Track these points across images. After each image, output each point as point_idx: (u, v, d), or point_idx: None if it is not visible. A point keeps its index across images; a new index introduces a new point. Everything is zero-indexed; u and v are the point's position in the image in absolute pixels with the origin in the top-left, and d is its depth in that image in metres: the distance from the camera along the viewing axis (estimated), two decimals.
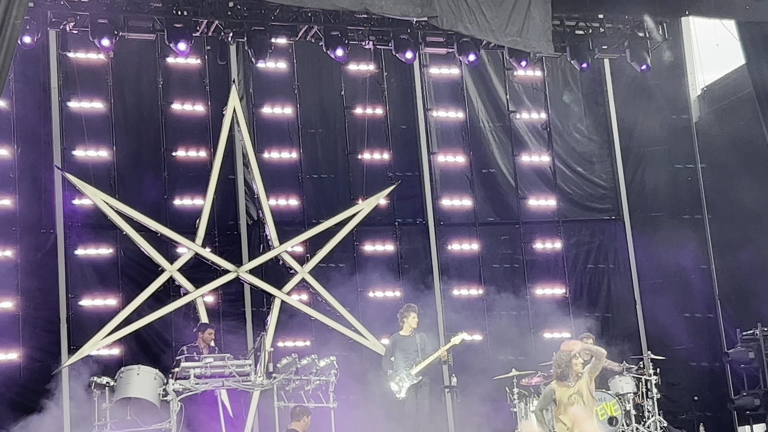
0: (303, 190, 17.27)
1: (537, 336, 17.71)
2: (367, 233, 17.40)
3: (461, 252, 17.94)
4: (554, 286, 18.19)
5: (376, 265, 17.26)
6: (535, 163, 18.55)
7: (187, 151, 16.82)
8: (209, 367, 13.32)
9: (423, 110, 18.19)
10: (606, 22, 17.57)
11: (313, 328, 16.54)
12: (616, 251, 18.58)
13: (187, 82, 17.03)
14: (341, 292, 16.65)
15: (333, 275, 16.76)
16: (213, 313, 16.05)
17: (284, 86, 17.42)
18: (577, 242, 18.37)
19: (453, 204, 18.06)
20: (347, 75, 17.74)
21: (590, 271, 18.33)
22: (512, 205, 18.27)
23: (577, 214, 18.59)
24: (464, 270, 17.81)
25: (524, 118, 18.59)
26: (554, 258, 18.29)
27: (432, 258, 17.78)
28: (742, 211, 17.40)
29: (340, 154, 17.67)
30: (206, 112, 16.95)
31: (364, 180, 17.45)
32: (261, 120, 17.29)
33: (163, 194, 16.51)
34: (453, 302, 17.56)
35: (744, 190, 17.17)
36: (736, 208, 17.47)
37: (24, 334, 15.45)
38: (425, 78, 18.25)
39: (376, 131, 17.77)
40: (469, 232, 18.01)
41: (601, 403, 14.40)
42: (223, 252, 16.46)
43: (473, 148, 18.15)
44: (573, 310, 17.98)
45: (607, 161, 18.88)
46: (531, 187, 18.42)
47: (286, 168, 17.29)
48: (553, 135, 18.60)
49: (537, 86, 18.62)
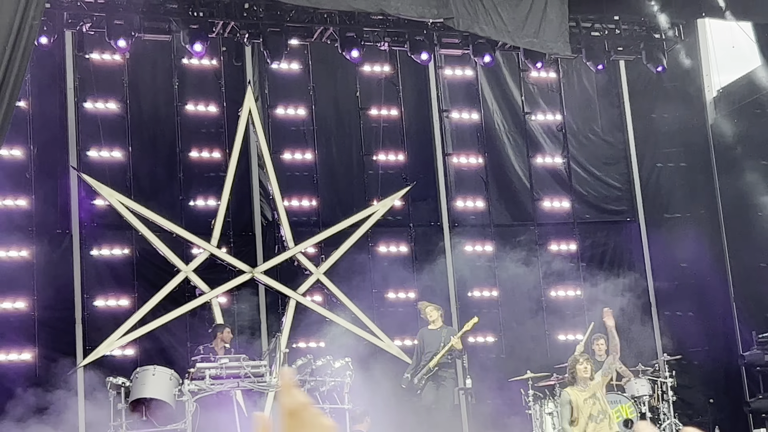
0: (318, 191, 17.26)
1: (552, 338, 17.72)
2: (381, 234, 17.34)
3: (475, 254, 17.92)
4: (569, 287, 18.17)
5: (391, 266, 17.24)
6: (550, 164, 18.53)
7: (202, 152, 16.85)
8: (224, 368, 13.31)
9: (438, 112, 18.18)
10: (622, 23, 17.57)
11: (327, 329, 16.46)
12: (631, 253, 18.52)
13: (202, 83, 17.06)
14: (356, 293, 16.61)
15: (347, 276, 16.76)
16: (227, 314, 16.03)
17: (299, 87, 17.45)
18: (592, 244, 18.33)
19: (467, 206, 18.03)
20: (362, 76, 17.75)
21: (605, 273, 18.18)
22: (527, 207, 18.24)
23: (592, 215, 18.53)
24: (478, 272, 17.79)
25: (539, 119, 18.56)
26: (569, 260, 18.27)
27: (446, 259, 17.75)
28: (757, 212, 17.35)
29: (355, 156, 17.66)
30: (221, 113, 16.99)
31: (378, 181, 17.44)
32: (276, 121, 17.32)
33: (179, 195, 16.56)
34: (467, 304, 17.53)
35: (760, 192, 17.12)
36: (752, 209, 17.43)
37: (39, 334, 15.50)
38: (440, 79, 18.24)
39: (390, 133, 17.77)
40: (484, 233, 17.99)
41: (617, 405, 14.38)
42: (238, 253, 16.47)
43: (488, 150, 18.14)
44: (588, 311, 17.86)
45: (622, 163, 18.84)
46: (546, 189, 18.40)
47: (300, 169, 17.29)
48: (568, 136, 18.57)
49: (552, 88, 18.59)
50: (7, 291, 15.48)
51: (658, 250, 18.26)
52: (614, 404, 14.35)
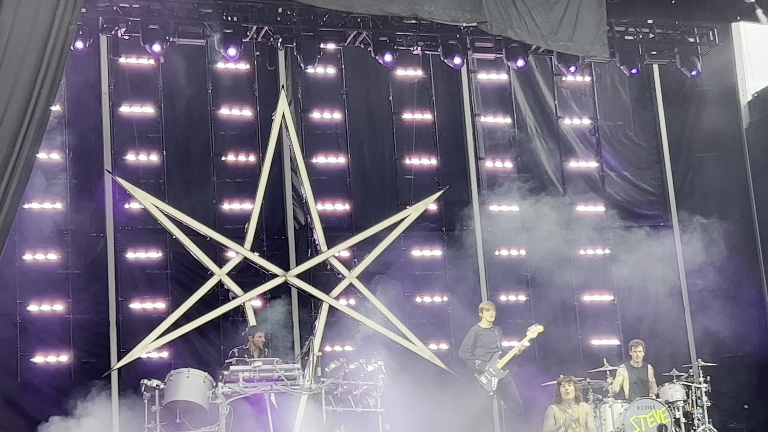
0: (351, 195, 17.30)
1: (585, 342, 17.69)
2: (414, 239, 17.34)
3: (509, 258, 17.89)
4: (602, 292, 18.09)
5: (424, 270, 17.31)
6: (583, 168, 18.44)
7: (236, 155, 16.91)
8: (258, 371, 13.34)
9: (471, 116, 18.12)
10: (656, 27, 17.49)
11: (360, 332, 16.37)
12: (665, 258, 18.34)
13: (236, 87, 17.12)
14: (388, 297, 16.61)
15: (380, 280, 16.71)
16: (260, 317, 16.04)
17: (332, 91, 17.48)
18: (625, 249, 18.12)
19: (501, 209, 17.96)
20: (395, 80, 17.76)
21: (639, 278, 18.09)
22: (561, 212, 18.01)
23: (626, 220, 18.39)
24: (511, 276, 17.76)
25: (572, 123, 18.48)
26: (602, 264, 18.18)
27: (479, 263, 17.72)
28: None
29: (388, 160, 17.66)
30: (255, 117, 17.05)
31: (411, 185, 17.44)
32: (309, 125, 17.36)
33: (212, 198, 16.62)
34: (500, 308, 16.85)
35: None
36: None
37: (74, 336, 15.62)
38: (473, 83, 18.20)
39: (423, 136, 17.75)
40: (516, 238, 17.92)
41: (651, 410, 14.39)
42: (271, 256, 16.50)
43: (521, 154, 18.09)
44: (621, 316, 17.93)
45: (656, 167, 18.71)
46: (579, 193, 18.29)
47: (333, 173, 17.33)
48: (601, 141, 18.49)
49: (585, 92, 18.52)
50: (44, 294, 15.60)
51: (693, 255, 18.05)
52: (648, 409, 14.40)
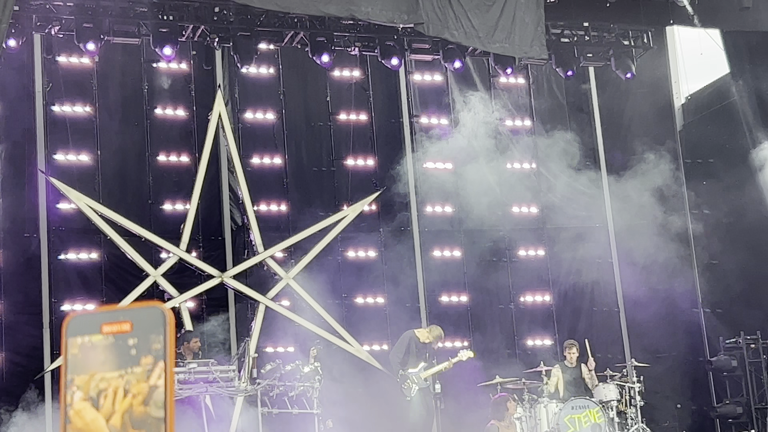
0: (288, 195, 17.22)
1: (521, 343, 17.75)
2: (351, 240, 17.29)
3: (445, 259, 17.91)
4: (538, 293, 18.19)
5: (361, 271, 17.24)
6: (519, 170, 18.51)
7: (171, 156, 16.79)
8: (193, 373, 13.23)
9: (408, 116, 18.13)
10: (591, 30, 17.64)
11: (297, 334, 16.39)
12: (600, 260, 18.51)
13: (172, 86, 16.99)
14: (325, 298, 16.61)
15: (317, 281, 16.64)
16: (196, 319, 15.98)
17: (270, 91, 17.42)
18: (561, 249, 18.26)
19: (437, 211, 18.00)
20: (333, 81, 17.73)
21: (574, 279, 18.26)
22: (496, 212, 18.12)
23: (562, 221, 18.50)
24: (448, 277, 17.76)
25: (510, 125, 18.52)
26: (538, 265, 18.29)
27: (416, 265, 17.74)
28: (725, 220, 17.43)
29: (325, 160, 17.63)
30: (191, 116, 16.94)
31: (349, 186, 17.44)
32: (246, 125, 17.28)
33: (148, 199, 16.49)
34: (437, 309, 17.54)
35: (727, 198, 17.20)
36: (719, 216, 17.50)
37: (6, 338, 15.40)
38: (410, 84, 18.22)
39: (361, 137, 17.74)
40: (454, 239, 17.98)
41: (585, 410, 14.47)
42: (208, 257, 16.44)
43: (458, 155, 18.07)
44: (557, 317, 18.03)
45: (592, 169, 18.79)
46: (515, 194, 18.28)
47: (271, 173, 17.25)
48: (538, 142, 18.55)
49: (522, 94, 18.62)
50: None
51: (627, 257, 18.22)
52: (582, 409, 14.49)
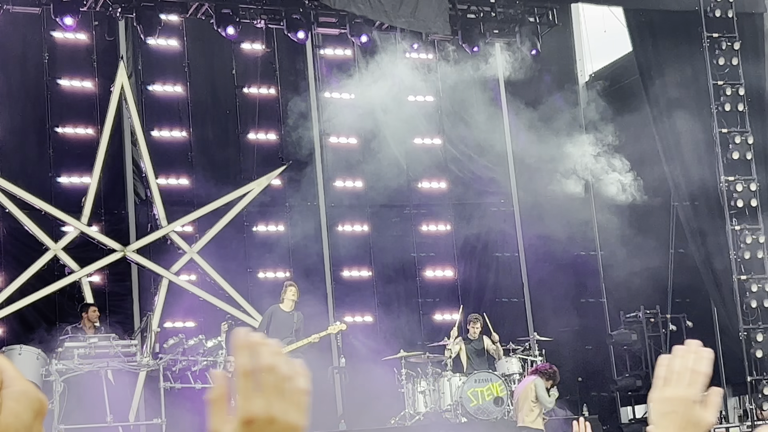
0: (192, 169, 17.04)
1: (427, 318, 17.79)
2: (257, 214, 17.23)
3: (352, 234, 17.86)
4: (444, 268, 18.22)
5: (267, 246, 17.15)
6: (427, 146, 18.49)
7: (74, 128, 16.49)
8: (94, 347, 13.09)
9: (315, 91, 18.00)
10: (497, 6, 17.67)
11: (201, 308, 16.29)
12: (506, 235, 18.62)
13: (74, 57, 16.68)
14: (230, 272, 16.47)
15: (222, 256, 16.49)
16: (99, 293, 15.77)
17: (174, 64, 17.18)
18: (467, 226, 18.35)
19: (345, 186, 17.95)
20: (239, 54, 17.54)
21: (480, 254, 18.36)
22: (403, 188, 18.14)
23: (468, 198, 18.55)
24: (355, 252, 17.74)
25: (418, 100, 18.46)
26: (444, 241, 18.31)
27: (322, 240, 17.69)
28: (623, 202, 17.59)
29: (231, 134, 17.45)
30: (94, 88, 16.65)
31: (254, 160, 17.26)
32: (150, 98, 17.04)
33: (48, 172, 16.19)
34: (343, 284, 17.58)
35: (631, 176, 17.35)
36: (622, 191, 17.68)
37: None
38: (318, 58, 18.09)
39: (267, 111, 17.59)
40: (360, 214, 17.94)
41: (488, 383, 14.58)
42: (110, 231, 16.22)
43: (365, 130, 17.97)
44: (462, 292, 18.07)
45: (498, 146, 18.81)
46: (422, 170, 18.33)
47: (175, 147, 17.04)
48: (445, 118, 18.55)
49: (428, 69, 18.59)
50: None
51: (532, 233, 18.36)
52: (485, 383, 14.60)
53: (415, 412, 14.73)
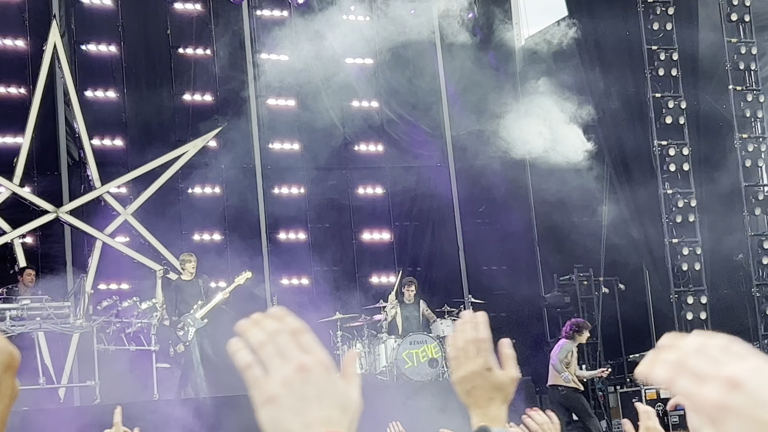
0: (127, 130, 16.86)
1: (362, 280, 17.79)
2: (193, 176, 17.08)
3: (289, 196, 17.78)
4: (379, 231, 18.25)
5: (202, 208, 17.04)
6: (365, 108, 18.40)
7: (6, 87, 16.27)
8: (26, 309, 12.97)
9: (251, 52, 17.83)
10: None
11: (135, 271, 16.12)
12: (442, 198, 18.63)
13: (5, 16, 16.37)
14: (165, 235, 16.33)
15: (157, 218, 16.37)
16: (32, 255, 15.64)
17: (108, 23, 16.97)
18: (403, 188, 18.34)
19: (282, 147, 17.83)
20: (174, 14, 17.34)
21: (415, 217, 18.38)
22: (339, 151, 18.07)
23: (405, 161, 18.52)
24: (291, 215, 17.64)
25: (356, 62, 18.31)
26: (380, 204, 18.30)
27: (258, 202, 17.58)
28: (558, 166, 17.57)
29: (166, 95, 17.24)
30: (26, 47, 16.39)
31: (189, 122, 17.11)
32: (83, 57, 16.81)
33: None
34: (279, 246, 17.52)
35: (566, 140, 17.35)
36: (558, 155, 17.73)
37: None
38: (254, 19, 17.91)
39: (203, 72, 17.42)
40: (296, 176, 17.87)
41: (422, 345, 14.67)
42: (43, 192, 16.03)
43: (302, 92, 17.86)
44: (398, 254, 18.10)
45: (434, 108, 18.80)
46: (359, 133, 18.25)
47: (109, 108, 16.87)
48: (382, 81, 18.46)
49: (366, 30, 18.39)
50: None
51: (467, 196, 18.44)
52: (420, 344, 14.68)
53: None
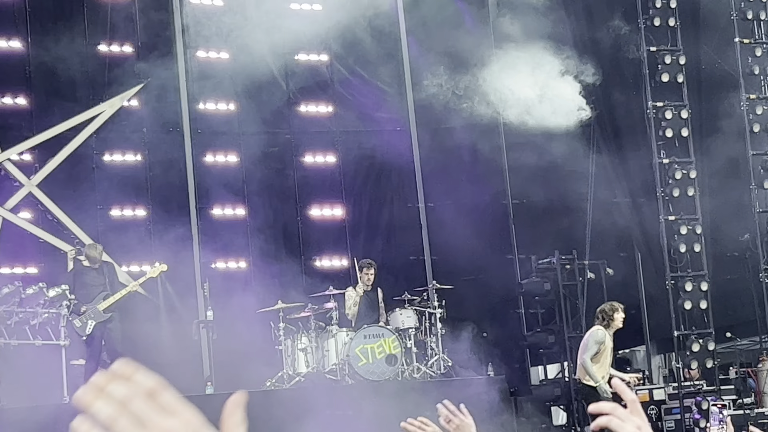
0: (31, 87, 15.94)
1: (309, 264, 16.92)
2: (109, 141, 16.19)
3: (223, 165, 16.82)
4: (330, 206, 17.35)
5: (121, 178, 16.15)
6: (312, 63, 17.30)
7: None
8: None
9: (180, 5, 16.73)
10: None
11: (42, 252, 15.52)
12: (401, 168, 17.58)
13: None
14: (77, 209, 15.61)
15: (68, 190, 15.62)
16: None
17: None
18: (357, 157, 17.37)
19: (217, 108, 16.89)
20: None
21: (371, 190, 17.41)
22: (282, 112, 17.06)
23: (359, 124, 17.51)
24: (225, 186, 16.79)
25: (303, 9, 17.03)
26: (330, 174, 17.36)
27: (187, 171, 16.68)
28: None
29: (78, 46, 16.16)
30: None
31: (106, 77, 16.14)
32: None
33: None
34: (211, 224, 16.74)
35: (546, 101, 15.95)
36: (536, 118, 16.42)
37: None
38: None
39: (121, 21, 16.42)
40: (232, 141, 16.92)
41: (379, 339, 13.86)
42: None
43: (237, 43, 16.53)
44: (351, 234, 17.23)
45: (393, 64, 17.67)
46: (305, 91, 17.21)
47: (11, 59, 15.88)
48: (332, 32, 17.08)
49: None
50: None
51: (431, 165, 17.47)
52: (376, 338, 13.90)
53: (294, 372, 13.94)
